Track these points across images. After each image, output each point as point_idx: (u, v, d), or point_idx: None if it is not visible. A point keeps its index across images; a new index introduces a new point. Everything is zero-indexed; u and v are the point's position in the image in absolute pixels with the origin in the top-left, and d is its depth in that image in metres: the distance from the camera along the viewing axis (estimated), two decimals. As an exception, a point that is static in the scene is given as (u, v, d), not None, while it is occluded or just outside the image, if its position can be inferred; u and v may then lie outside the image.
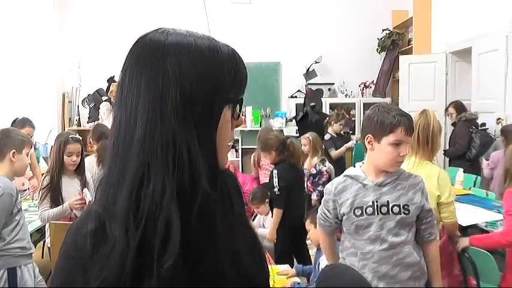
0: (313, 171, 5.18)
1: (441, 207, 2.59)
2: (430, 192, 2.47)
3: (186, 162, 0.70)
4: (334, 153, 5.70)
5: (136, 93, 0.72)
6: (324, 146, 5.48)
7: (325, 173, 5.10)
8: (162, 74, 0.71)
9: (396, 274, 2.02)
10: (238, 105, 0.80)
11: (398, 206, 2.01)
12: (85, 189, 3.22)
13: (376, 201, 2.00)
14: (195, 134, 0.71)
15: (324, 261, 3.04)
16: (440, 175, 2.61)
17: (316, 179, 5.12)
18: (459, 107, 5.44)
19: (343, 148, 5.83)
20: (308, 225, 3.43)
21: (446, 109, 5.86)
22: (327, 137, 5.79)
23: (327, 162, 5.20)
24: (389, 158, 1.97)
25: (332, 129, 5.87)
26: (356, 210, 2.01)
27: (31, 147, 2.82)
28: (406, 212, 2.01)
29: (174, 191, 0.69)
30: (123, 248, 0.67)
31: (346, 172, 2.12)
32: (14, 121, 4.92)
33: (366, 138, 2.03)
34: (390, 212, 2.00)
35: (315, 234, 3.37)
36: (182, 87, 0.71)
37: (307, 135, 5.45)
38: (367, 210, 2.00)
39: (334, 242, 2.28)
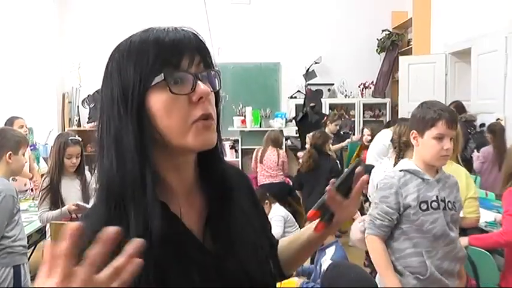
0: None
1: (468, 202, 2.80)
2: (460, 189, 2.67)
3: (113, 161, 0.77)
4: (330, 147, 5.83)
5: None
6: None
7: None
8: (103, 80, 0.81)
9: (453, 269, 2.08)
10: (182, 81, 0.77)
11: (450, 202, 2.08)
12: (79, 203, 3.21)
13: (438, 196, 2.05)
14: (113, 132, 0.77)
15: (326, 262, 3.05)
16: (466, 173, 2.93)
17: None
18: (460, 107, 5.48)
19: (338, 145, 5.96)
20: None
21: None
22: None
23: None
24: (433, 152, 2.02)
25: (328, 129, 5.97)
26: (422, 205, 2.02)
27: (28, 146, 2.82)
28: (454, 208, 2.09)
29: (101, 185, 0.79)
30: None
31: (402, 167, 2.13)
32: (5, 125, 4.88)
33: (411, 134, 2.11)
34: (447, 207, 2.06)
35: None
36: (106, 94, 0.79)
37: (311, 133, 5.53)
38: (433, 204, 2.03)
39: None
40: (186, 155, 0.83)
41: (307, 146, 5.35)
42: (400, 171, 2.09)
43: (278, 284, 1.00)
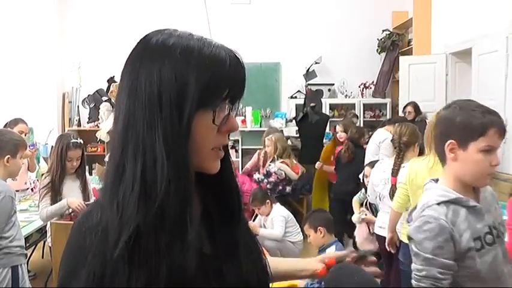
0: (264, 171, 5.25)
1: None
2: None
3: (151, 165, 0.72)
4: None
5: (120, 95, 0.78)
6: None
7: (273, 174, 5.16)
8: (136, 79, 0.75)
9: None
10: (221, 110, 0.78)
11: (500, 224, 1.66)
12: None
13: (490, 226, 1.60)
14: (162, 137, 0.73)
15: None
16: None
17: (266, 180, 5.19)
18: (417, 107, 5.92)
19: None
20: (307, 230, 3.44)
21: (405, 107, 6.16)
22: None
23: (278, 162, 5.31)
24: (478, 169, 1.56)
25: None
26: (476, 243, 1.54)
27: (26, 149, 2.82)
28: (503, 229, 1.68)
29: (140, 187, 0.72)
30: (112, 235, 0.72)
31: (440, 197, 1.58)
32: (6, 124, 4.87)
33: (446, 145, 1.60)
34: (499, 234, 1.62)
35: (315, 238, 3.39)
36: (151, 91, 0.74)
37: (271, 135, 5.57)
38: (487, 239, 1.57)
39: None
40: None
41: (268, 149, 5.43)
42: (440, 203, 1.56)
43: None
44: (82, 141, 3.40)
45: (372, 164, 3.89)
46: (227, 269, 0.82)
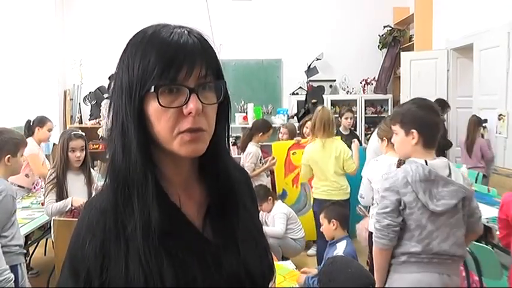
0: None
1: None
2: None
3: (118, 147, 0.81)
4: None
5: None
6: None
7: None
8: (117, 67, 0.83)
9: None
10: (179, 93, 0.78)
11: None
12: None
13: None
14: (120, 122, 0.80)
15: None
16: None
17: None
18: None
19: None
20: (322, 219, 3.44)
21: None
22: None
23: None
24: None
25: (343, 127, 5.62)
26: None
27: (26, 146, 2.83)
28: None
29: (109, 169, 0.83)
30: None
31: None
32: (29, 123, 4.78)
33: None
34: None
35: (328, 229, 3.39)
36: (118, 79, 0.82)
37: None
38: None
39: None
40: None
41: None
42: None
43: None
44: (84, 133, 3.44)
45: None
46: (227, 258, 0.83)
